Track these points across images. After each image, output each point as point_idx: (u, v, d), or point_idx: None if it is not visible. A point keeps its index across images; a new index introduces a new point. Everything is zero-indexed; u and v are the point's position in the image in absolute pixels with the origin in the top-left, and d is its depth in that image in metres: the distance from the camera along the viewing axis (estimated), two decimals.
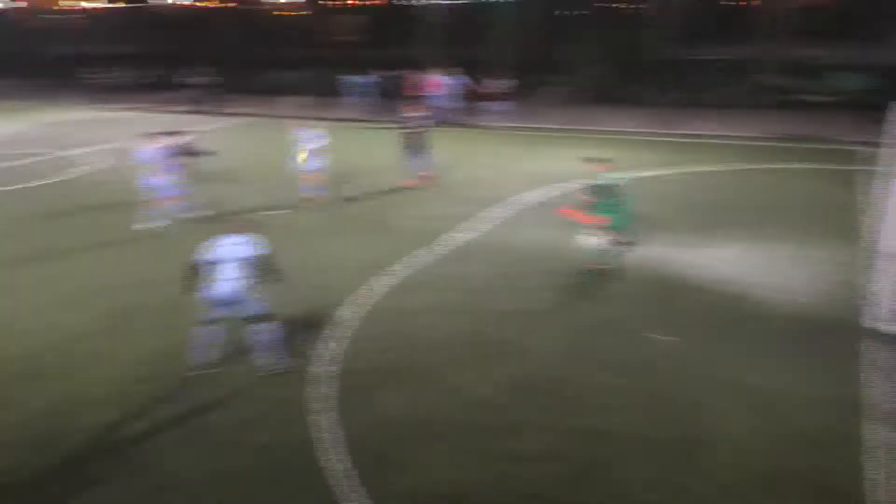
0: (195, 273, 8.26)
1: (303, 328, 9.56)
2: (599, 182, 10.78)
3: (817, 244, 12.17)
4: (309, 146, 15.44)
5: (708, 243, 12.39)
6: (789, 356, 8.48)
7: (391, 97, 26.81)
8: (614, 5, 32.60)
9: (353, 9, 37.07)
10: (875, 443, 6.83)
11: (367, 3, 36.91)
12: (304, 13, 37.52)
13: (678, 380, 8.07)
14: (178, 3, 42.29)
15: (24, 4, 46.70)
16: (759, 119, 22.83)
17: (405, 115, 17.61)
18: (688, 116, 24.85)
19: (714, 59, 28.83)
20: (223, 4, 39.28)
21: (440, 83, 25.29)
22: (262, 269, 8.30)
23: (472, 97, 25.63)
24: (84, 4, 45.80)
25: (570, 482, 6.46)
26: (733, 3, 30.73)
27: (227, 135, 24.56)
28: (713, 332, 9.17)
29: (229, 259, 8.19)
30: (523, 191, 16.29)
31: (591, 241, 11.04)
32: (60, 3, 46.50)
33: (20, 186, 17.55)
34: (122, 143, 20.75)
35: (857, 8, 26.41)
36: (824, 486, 6.28)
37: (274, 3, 38.82)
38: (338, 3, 37.77)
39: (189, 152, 14.81)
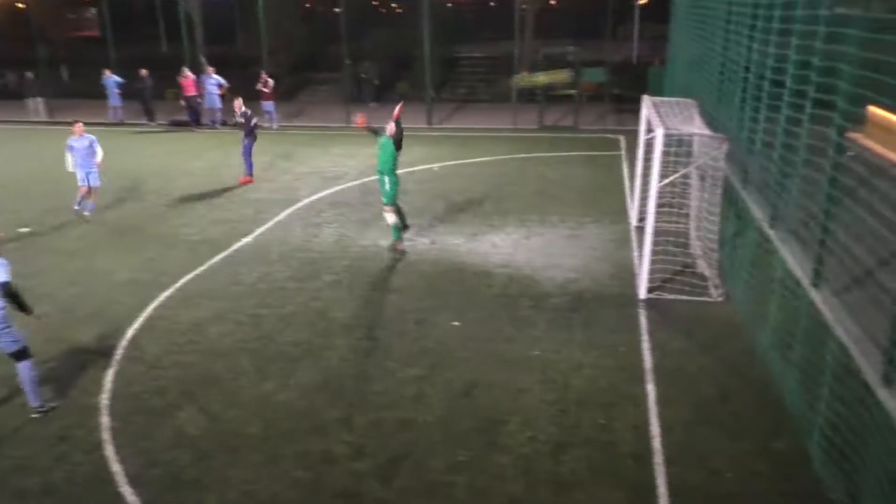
0: None
1: (83, 355, 8.75)
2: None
3: (590, 224, 13.28)
4: (82, 154, 14.01)
5: (492, 230, 13.04)
6: (570, 329, 9.17)
7: (146, 98, 25.12)
8: (376, 3, 33.04)
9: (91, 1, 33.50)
10: (649, 399, 7.59)
11: None
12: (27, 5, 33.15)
13: (473, 363, 8.41)
14: None
15: None
16: (525, 112, 24.35)
17: (247, 113, 16.97)
18: (461, 111, 25.99)
19: (480, 57, 30.39)
20: None
21: (213, 83, 24.16)
22: (7, 298, 7.19)
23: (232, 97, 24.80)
24: None
25: (381, 475, 6.49)
26: (496, 3, 32.50)
27: None
28: (502, 314, 9.67)
29: None
30: (307, 191, 16.12)
31: (390, 218, 11.28)
32: None
33: None
34: None
35: (594, 10, 29.31)
36: (610, 444, 6.87)
37: None
38: None
39: None
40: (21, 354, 7.30)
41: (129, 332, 9.32)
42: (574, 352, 8.61)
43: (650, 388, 7.78)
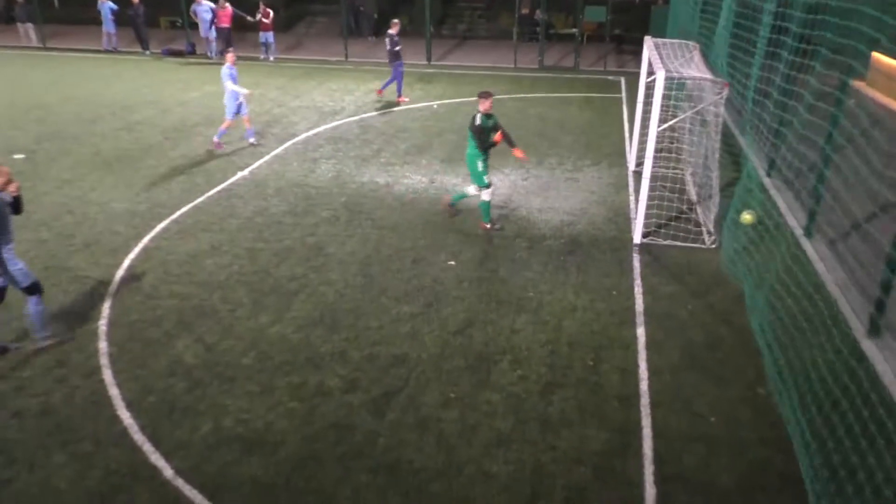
0: None
1: (81, 282, 8.83)
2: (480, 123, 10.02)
3: (588, 168, 13.25)
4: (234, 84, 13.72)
5: (490, 171, 12.95)
6: (564, 272, 9.24)
7: (138, 26, 24.55)
8: None
9: None
10: (639, 343, 7.72)
11: None
12: None
13: (468, 302, 8.50)
14: None
15: None
16: (526, 51, 24.03)
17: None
18: (460, 49, 25.53)
19: None
20: None
21: (205, 10, 23.66)
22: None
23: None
24: None
25: (374, 409, 6.64)
26: None
27: None
28: (498, 254, 9.73)
29: None
30: (305, 125, 15.97)
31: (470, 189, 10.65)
32: None
33: None
34: None
35: None
36: (598, 385, 7.02)
37: None
38: None
39: None
40: (31, 289, 7.26)
41: (126, 262, 9.36)
42: (567, 294, 8.71)
43: (640, 332, 7.90)
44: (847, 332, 6.70)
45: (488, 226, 10.49)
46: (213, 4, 23.53)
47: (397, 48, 17.45)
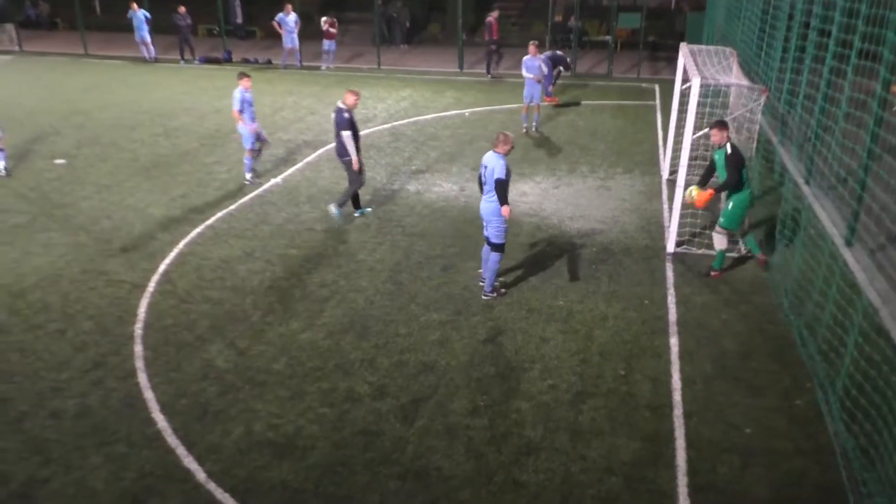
0: None
1: (118, 286, 8.99)
2: None
3: (620, 175, 13.15)
4: (535, 72, 15.78)
5: (521, 179, 12.96)
6: (595, 280, 9.18)
7: (187, 36, 24.91)
8: None
9: None
10: (671, 352, 7.62)
11: None
12: None
13: (498, 310, 8.47)
14: None
15: None
16: None
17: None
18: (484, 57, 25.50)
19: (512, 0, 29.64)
20: None
21: (294, 20, 23.87)
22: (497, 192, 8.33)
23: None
24: None
25: (402, 415, 6.64)
26: None
27: None
28: (527, 261, 9.69)
29: None
30: None
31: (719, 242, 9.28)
32: None
33: None
34: None
35: None
36: (630, 395, 6.94)
37: None
38: None
39: None
40: (498, 247, 8.45)
41: (162, 267, 9.51)
42: (598, 303, 8.63)
43: (673, 342, 7.81)
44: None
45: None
46: (296, 16, 23.63)
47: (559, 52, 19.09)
